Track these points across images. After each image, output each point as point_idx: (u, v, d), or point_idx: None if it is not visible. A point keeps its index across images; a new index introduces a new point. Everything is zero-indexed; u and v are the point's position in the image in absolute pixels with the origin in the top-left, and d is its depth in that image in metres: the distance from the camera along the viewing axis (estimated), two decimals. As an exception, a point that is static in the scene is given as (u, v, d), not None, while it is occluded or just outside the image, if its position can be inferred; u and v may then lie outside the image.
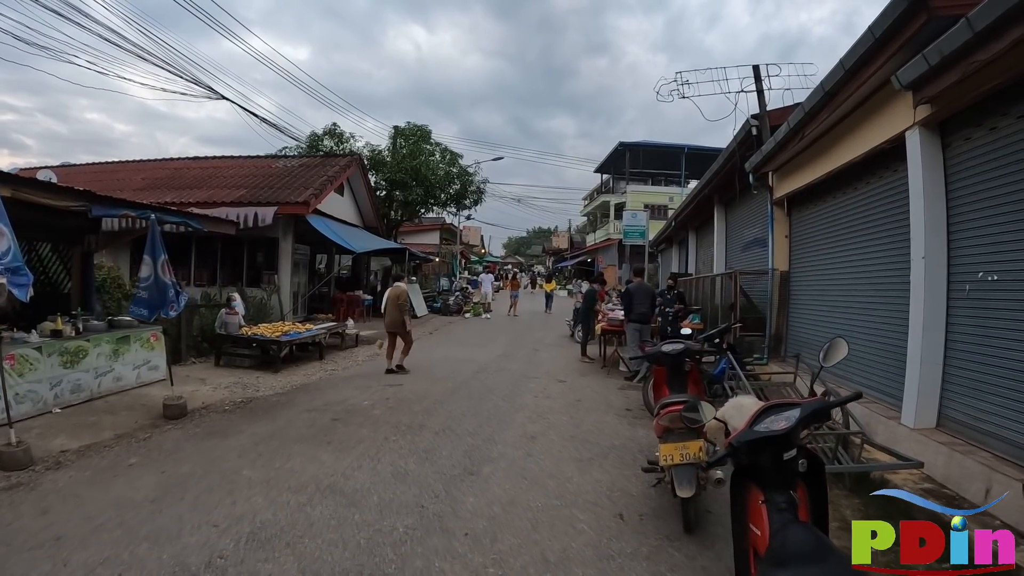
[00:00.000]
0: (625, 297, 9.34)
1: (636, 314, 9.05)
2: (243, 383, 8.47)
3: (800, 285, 8.74)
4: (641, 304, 9.10)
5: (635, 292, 9.30)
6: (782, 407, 2.39)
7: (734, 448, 2.33)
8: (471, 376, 8.80)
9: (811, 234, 8.28)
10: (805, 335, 8.33)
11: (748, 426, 2.40)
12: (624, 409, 6.91)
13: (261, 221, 12.98)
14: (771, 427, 2.26)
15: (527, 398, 7.35)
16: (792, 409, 2.33)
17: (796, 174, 8.28)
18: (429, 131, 21.73)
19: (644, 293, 9.35)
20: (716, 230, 13.37)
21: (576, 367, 10.02)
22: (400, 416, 6.34)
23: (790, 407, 2.36)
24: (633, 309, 9.09)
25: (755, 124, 9.02)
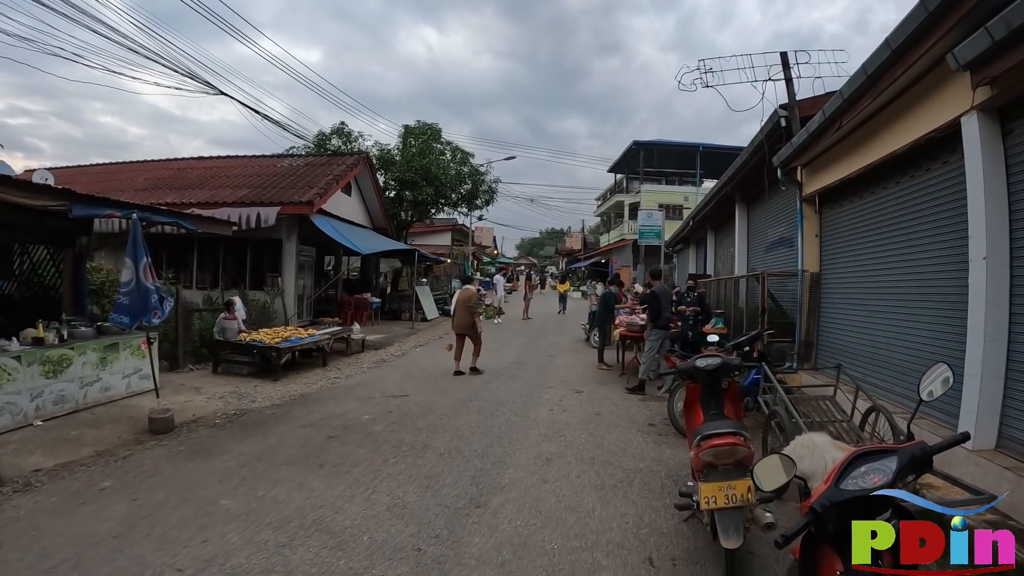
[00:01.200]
0: (652, 301, 8.65)
1: (664, 320, 8.43)
2: (239, 393, 8.01)
3: (832, 288, 8.10)
4: (667, 309, 8.51)
5: (662, 296, 8.63)
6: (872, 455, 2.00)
7: (818, 514, 1.82)
8: (481, 386, 8.24)
9: (845, 233, 7.65)
10: (838, 341, 7.71)
11: (832, 482, 1.92)
12: (647, 424, 6.30)
13: (264, 222, 12.54)
14: (862, 483, 1.88)
15: (542, 411, 6.77)
16: (885, 458, 1.95)
17: (829, 168, 7.65)
18: (439, 129, 21.23)
19: (668, 297, 8.76)
20: (737, 229, 12.72)
21: (593, 375, 9.43)
22: (402, 433, 5.79)
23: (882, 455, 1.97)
24: (661, 314, 8.41)
25: (784, 115, 8.38)
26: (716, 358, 3.85)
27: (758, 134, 9.06)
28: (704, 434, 3.09)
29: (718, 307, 11.80)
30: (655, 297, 8.58)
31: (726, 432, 3.04)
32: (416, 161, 19.32)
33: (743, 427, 3.25)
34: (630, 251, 35.69)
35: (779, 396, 4.91)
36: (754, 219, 12.18)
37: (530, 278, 24.89)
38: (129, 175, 18.01)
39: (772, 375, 5.01)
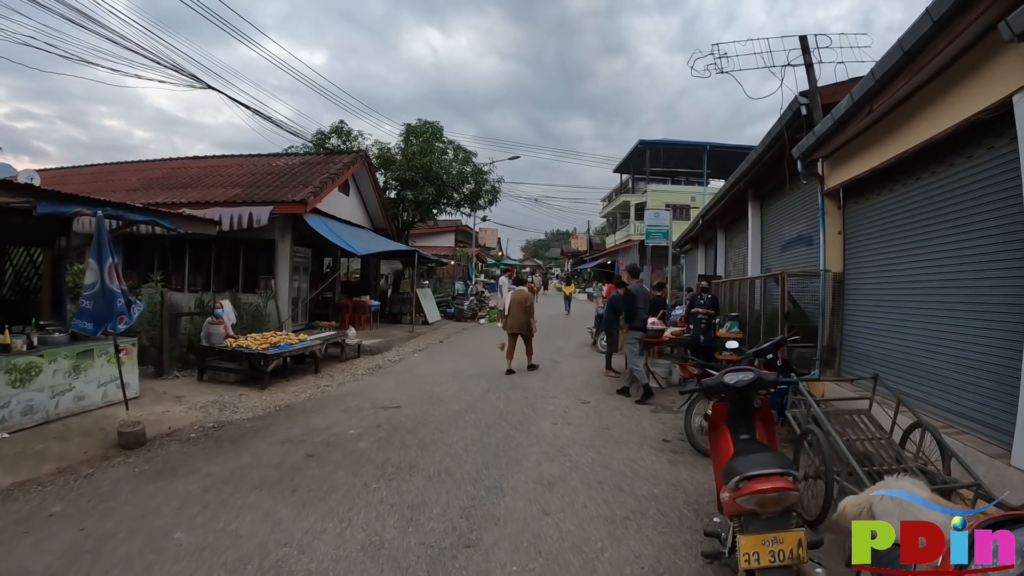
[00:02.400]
0: (627, 301, 8.18)
1: (640, 321, 8.01)
2: (222, 402, 7.50)
3: (858, 289, 7.51)
4: (644, 310, 8.09)
5: (638, 295, 8.16)
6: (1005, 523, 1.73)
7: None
8: (480, 396, 7.65)
9: (872, 230, 7.05)
10: (865, 347, 7.11)
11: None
12: (660, 440, 5.70)
13: (256, 222, 12.01)
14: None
15: (544, 425, 6.18)
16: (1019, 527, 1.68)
17: (855, 159, 7.05)
18: (441, 128, 20.68)
19: (645, 298, 8.28)
20: (750, 228, 12.12)
21: (601, 383, 8.82)
22: (389, 451, 5.22)
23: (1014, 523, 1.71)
24: (637, 315, 7.98)
25: (805, 102, 7.78)
26: (748, 373, 3.27)
27: (776, 123, 8.47)
28: (744, 475, 2.50)
29: (730, 309, 11.24)
30: (630, 296, 8.14)
31: (773, 473, 2.45)
32: (417, 160, 18.77)
33: (789, 463, 2.66)
34: (636, 252, 35.04)
35: (814, 412, 4.31)
36: (768, 217, 11.58)
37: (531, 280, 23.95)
38: (123, 175, 17.61)
39: (804, 387, 4.40)
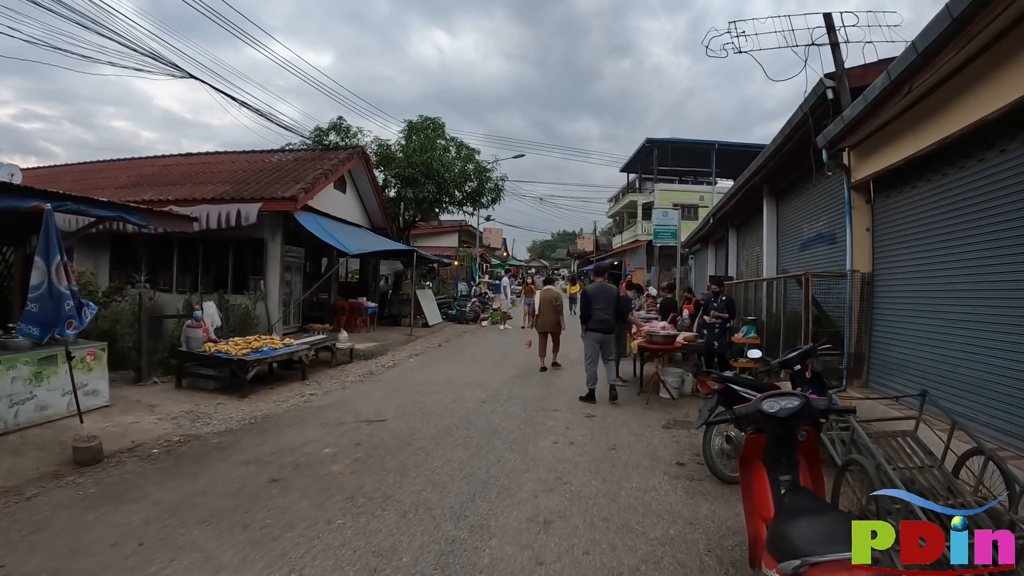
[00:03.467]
0: (583, 301, 7.99)
1: (595, 322, 7.65)
2: (196, 412, 6.92)
3: (889, 291, 6.82)
4: (603, 309, 7.70)
5: (595, 295, 7.84)
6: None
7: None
8: (474, 408, 6.98)
9: (906, 225, 6.37)
10: (897, 355, 6.43)
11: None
12: (675, 463, 5.00)
13: (244, 219, 11.41)
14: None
15: (543, 444, 5.49)
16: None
17: (887, 148, 6.36)
18: (442, 124, 20.01)
19: (606, 297, 7.86)
20: (766, 226, 11.41)
21: (607, 393, 8.05)
22: (363, 477, 4.56)
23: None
24: (591, 315, 7.69)
25: (831, 85, 7.08)
26: (793, 399, 2.61)
27: (798, 110, 7.77)
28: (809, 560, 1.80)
29: (743, 312, 10.56)
30: (586, 296, 7.94)
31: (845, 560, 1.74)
32: (417, 156, 18.13)
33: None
34: (644, 252, 34.39)
35: (859, 439, 3.63)
36: (785, 214, 10.88)
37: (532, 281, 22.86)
38: (113, 173, 17.20)
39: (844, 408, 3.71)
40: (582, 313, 8.05)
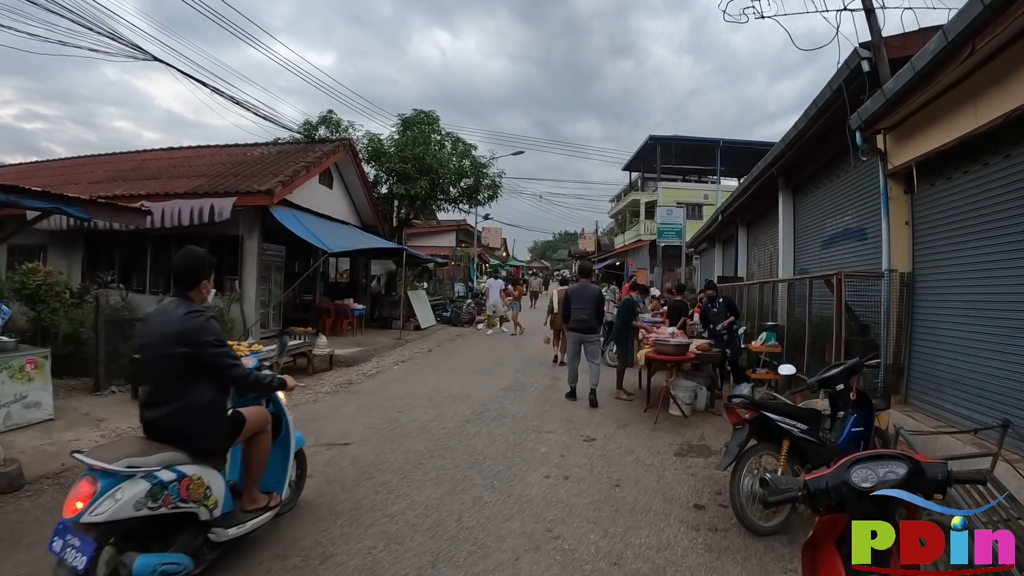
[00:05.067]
0: (564, 301, 8.15)
1: (574, 321, 7.66)
2: None
3: (934, 293, 5.93)
4: (581, 309, 7.61)
5: (574, 295, 7.85)
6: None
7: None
8: (455, 429, 6.05)
9: (956, 218, 5.47)
10: (945, 369, 5.53)
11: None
12: (692, 505, 4.07)
13: (218, 215, 10.55)
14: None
15: (532, 480, 4.55)
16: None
17: (935, 127, 5.46)
18: (436, 117, 19.13)
19: (586, 297, 7.73)
20: (781, 222, 10.52)
21: (610, 409, 7.17)
22: (305, 523, 3.64)
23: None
24: (571, 315, 7.71)
25: (867, 56, 6.18)
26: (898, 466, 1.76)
27: (826, 87, 6.86)
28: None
29: (759, 317, 9.66)
30: (567, 297, 8.02)
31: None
32: (409, 151, 17.25)
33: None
34: (647, 252, 33.45)
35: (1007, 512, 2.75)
36: (804, 209, 9.98)
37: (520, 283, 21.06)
38: (91, 168, 16.48)
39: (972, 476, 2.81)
40: (563, 313, 8.12)
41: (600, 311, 7.84)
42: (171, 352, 2.86)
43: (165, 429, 2.86)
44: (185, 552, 2.77)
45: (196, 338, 2.88)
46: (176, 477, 2.73)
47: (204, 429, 2.93)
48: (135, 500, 2.54)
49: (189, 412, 2.87)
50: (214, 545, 2.98)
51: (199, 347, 2.88)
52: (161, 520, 2.73)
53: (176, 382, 2.89)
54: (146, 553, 2.60)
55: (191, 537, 2.84)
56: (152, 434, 2.90)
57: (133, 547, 2.62)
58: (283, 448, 3.60)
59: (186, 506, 2.76)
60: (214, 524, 2.94)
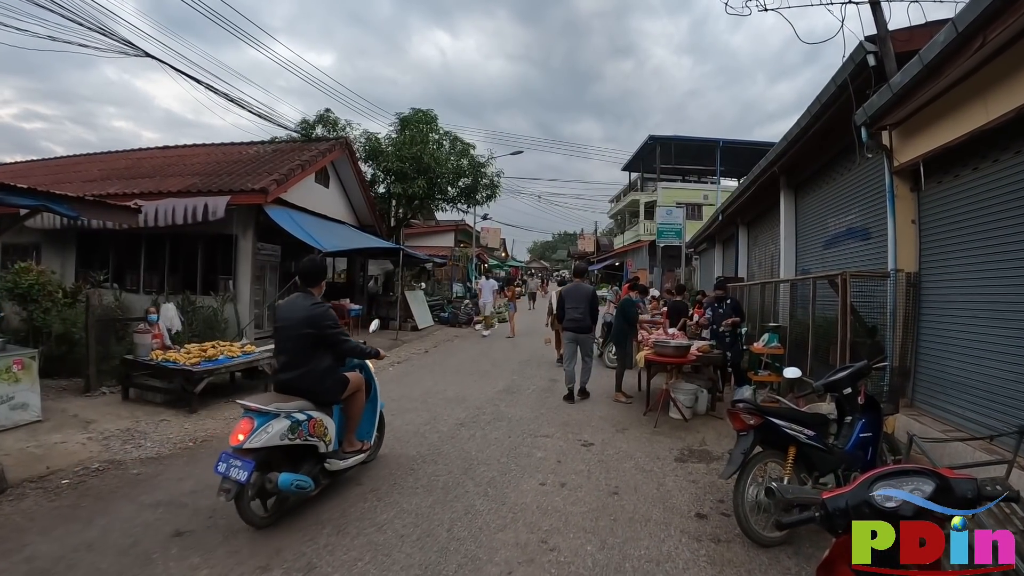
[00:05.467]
0: (558, 301, 8.39)
1: (568, 321, 7.75)
2: (133, 431, 5.97)
3: (941, 294, 5.79)
4: (574, 308, 7.69)
5: (567, 295, 7.99)
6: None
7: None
8: (449, 433, 5.89)
9: (965, 216, 5.35)
10: (953, 371, 5.40)
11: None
12: (694, 514, 3.91)
13: (212, 214, 10.39)
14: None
15: (527, 487, 4.38)
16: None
17: (943, 122, 5.32)
18: (435, 116, 18.96)
19: (579, 296, 7.81)
20: (783, 221, 10.37)
21: (608, 412, 6.99)
22: (290, 532, 3.50)
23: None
24: (564, 314, 7.84)
25: (872, 50, 6.03)
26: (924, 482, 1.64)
27: (830, 83, 6.71)
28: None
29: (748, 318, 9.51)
30: (561, 297, 8.23)
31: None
32: (406, 150, 17.08)
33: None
34: (646, 253, 33.30)
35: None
36: (806, 208, 9.83)
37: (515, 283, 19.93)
38: (86, 166, 16.35)
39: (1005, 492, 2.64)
40: (557, 312, 8.37)
41: (594, 310, 7.85)
42: (300, 332, 4.03)
43: (296, 386, 4.01)
44: (309, 476, 3.79)
45: (318, 322, 4.05)
46: (306, 418, 3.86)
47: (324, 386, 4.10)
48: (280, 433, 3.62)
49: (313, 374, 4.04)
50: (328, 473, 4.11)
51: (320, 328, 4.05)
52: (291, 451, 3.79)
53: (304, 353, 4.04)
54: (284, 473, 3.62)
55: (312, 466, 3.92)
56: (284, 390, 4.07)
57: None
58: (372, 406, 4.81)
59: (312, 440, 3.88)
60: (328, 457, 4.07)
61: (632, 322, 8.00)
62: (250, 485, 3.44)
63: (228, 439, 3.59)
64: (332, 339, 4.14)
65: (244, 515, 3.52)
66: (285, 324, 4.16)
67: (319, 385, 4.05)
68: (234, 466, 3.43)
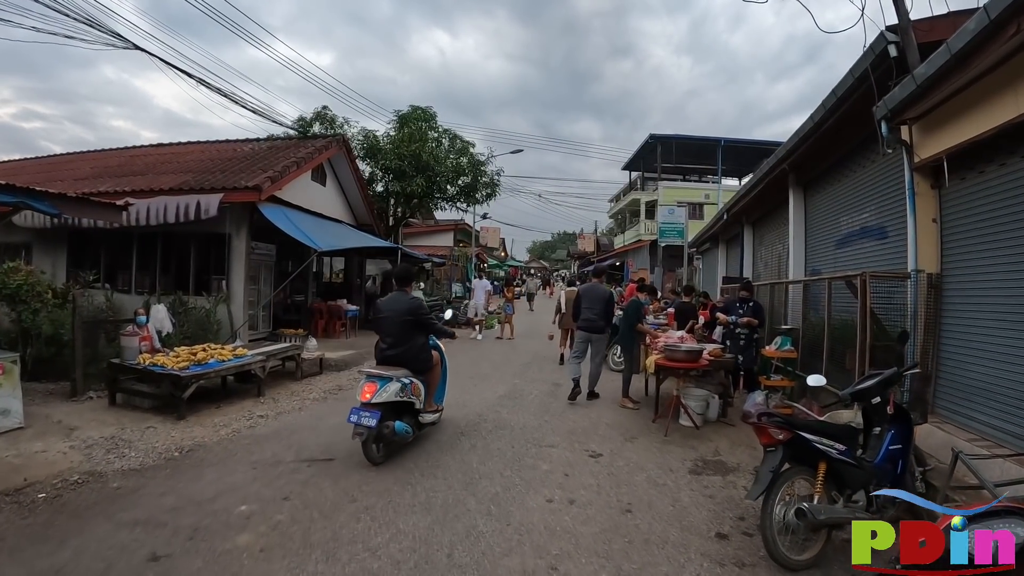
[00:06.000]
0: (576, 300, 8.25)
1: (583, 320, 7.81)
2: (118, 439, 5.67)
3: (965, 295, 5.53)
4: (589, 309, 7.76)
5: (584, 294, 8.05)
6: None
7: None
8: (449, 442, 5.59)
9: (991, 214, 5.10)
10: (978, 377, 5.15)
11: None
12: (714, 534, 3.61)
13: (204, 212, 10.10)
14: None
15: (533, 504, 4.08)
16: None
17: (970, 115, 5.06)
18: (434, 114, 18.70)
19: (595, 297, 7.85)
20: (792, 220, 10.08)
21: (615, 419, 6.69)
22: (275, 558, 3.19)
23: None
24: (579, 315, 7.87)
25: (894, 40, 5.75)
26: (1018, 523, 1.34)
27: (848, 75, 6.42)
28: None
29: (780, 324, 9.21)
30: (578, 296, 8.22)
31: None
32: (404, 147, 16.78)
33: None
34: (647, 253, 33.01)
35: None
36: (816, 206, 9.55)
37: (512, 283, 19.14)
38: (77, 164, 16.11)
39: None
40: (572, 311, 8.41)
41: (609, 312, 7.86)
42: (403, 319, 5.32)
43: (399, 359, 5.28)
44: (409, 425, 5.16)
45: (416, 311, 5.40)
46: (409, 382, 5.18)
47: (419, 358, 5.45)
48: (395, 391, 4.96)
49: (412, 349, 5.37)
50: (420, 425, 5.53)
51: (417, 315, 5.39)
52: (397, 407, 5.06)
53: (406, 334, 5.35)
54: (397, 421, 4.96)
55: (411, 418, 5.27)
56: (387, 363, 5.27)
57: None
58: (443, 378, 6.13)
59: (412, 399, 5.22)
60: (420, 413, 5.43)
61: (638, 323, 7.71)
62: (374, 430, 4.67)
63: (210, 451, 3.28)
64: (426, 323, 5.49)
65: (368, 454, 4.82)
66: (389, 314, 5.39)
67: (416, 358, 5.39)
68: (364, 416, 4.68)
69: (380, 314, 5.49)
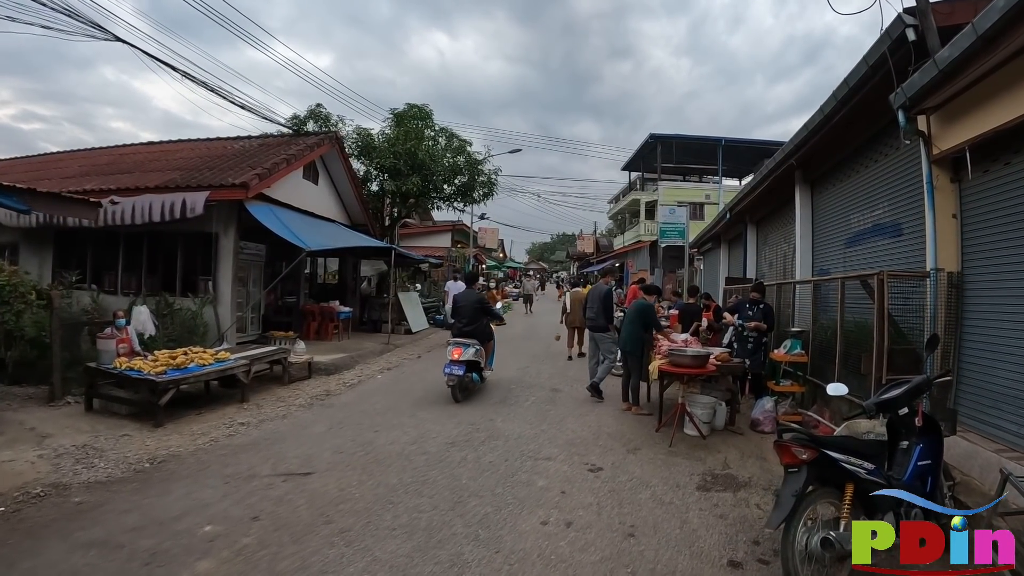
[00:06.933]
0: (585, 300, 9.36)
1: (587, 320, 8.72)
2: (90, 448, 5.37)
3: (988, 295, 5.18)
4: (591, 308, 8.51)
5: (590, 295, 9.00)
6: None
7: None
8: (438, 454, 5.20)
9: (1014, 210, 4.74)
10: (1004, 382, 4.78)
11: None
12: (726, 562, 3.23)
13: (191, 210, 9.74)
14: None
15: (526, 526, 3.69)
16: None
17: (995, 103, 4.72)
18: (430, 112, 18.34)
19: (595, 296, 8.62)
20: (799, 218, 9.72)
21: (617, 428, 6.29)
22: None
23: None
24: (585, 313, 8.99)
25: (912, 23, 5.40)
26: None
27: (861, 62, 6.05)
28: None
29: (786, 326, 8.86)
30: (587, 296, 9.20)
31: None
32: (400, 146, 16.42)
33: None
34: (647, 253, 32.68)
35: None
36: (824, 204, 9.18)
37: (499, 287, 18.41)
38: (67, 163, 15.81)
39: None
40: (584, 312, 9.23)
41: (608, 309, 8.36)
42: (474, 307, 8.14)
43: (471, 333, 7.84)
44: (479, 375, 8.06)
45: (482, 302, 8.49)
46: (479, 348, 7.84)
47: (485, 333, 8.14)
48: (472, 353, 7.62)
49: (480, 327, 8.05)
50: (482, 379, 8.22)
51: (484, 305, 8.44)
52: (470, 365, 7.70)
53: (476, 317, 8.05)
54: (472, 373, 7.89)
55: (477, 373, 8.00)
56: (462, 336, 7.80)
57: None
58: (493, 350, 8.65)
59: (479, 359, 7.90)
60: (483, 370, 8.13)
61: (650, 328, 7.24)
62: (463, 377, 7.43)
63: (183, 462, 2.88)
64: (488, 309, 8.43)
65: (455, 396, 7.39)
66: (464, 304, 8.18)
67: (482, 333, 8.02)
68: (455, 368, 7.33)
69: (458, 304, 8.30)
